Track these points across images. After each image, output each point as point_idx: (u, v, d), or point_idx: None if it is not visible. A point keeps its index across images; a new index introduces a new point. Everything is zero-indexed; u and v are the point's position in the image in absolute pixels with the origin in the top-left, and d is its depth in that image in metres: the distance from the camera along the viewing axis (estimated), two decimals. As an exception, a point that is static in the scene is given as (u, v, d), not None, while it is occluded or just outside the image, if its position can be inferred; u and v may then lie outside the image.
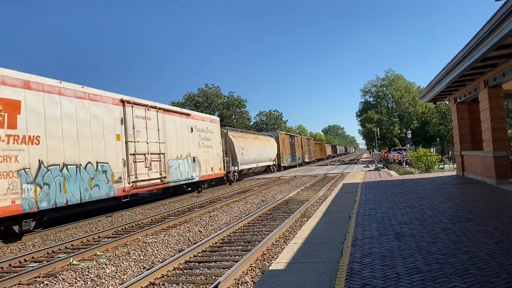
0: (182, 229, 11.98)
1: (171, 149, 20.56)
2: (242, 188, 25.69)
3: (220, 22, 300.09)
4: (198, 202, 18.97)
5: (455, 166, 21.92)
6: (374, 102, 77.36)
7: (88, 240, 11.45)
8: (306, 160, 62.16)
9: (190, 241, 10.55)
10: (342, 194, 15.05)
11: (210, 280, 6.90)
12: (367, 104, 77.93)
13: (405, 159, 39.39)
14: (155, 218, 14.79)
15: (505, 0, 7.89)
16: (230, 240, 10.19)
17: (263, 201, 17.98)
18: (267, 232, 10.70)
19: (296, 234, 8.68)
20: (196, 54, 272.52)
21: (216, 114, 70.98)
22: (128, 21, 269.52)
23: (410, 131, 57.53)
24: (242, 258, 7.75)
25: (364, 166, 40.23)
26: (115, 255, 9.04)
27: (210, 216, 14.14)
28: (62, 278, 7.52)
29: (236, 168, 30.37)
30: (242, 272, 7.14)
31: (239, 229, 11.49)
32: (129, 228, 13.19)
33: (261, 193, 21.47)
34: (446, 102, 27.51)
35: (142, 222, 14.02)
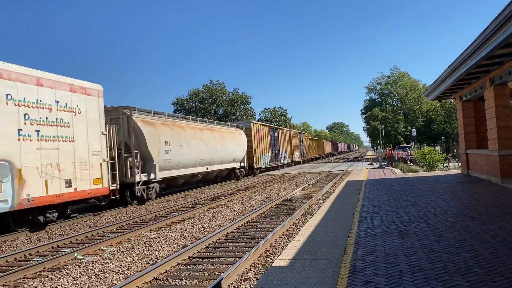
0: (185, 225, 12.02)
1: None
2: (247, 184, 25.72)
3: (225, 18, 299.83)
4: (202, 198, 19.02)
5: (460, 164, 21.85)
6: (379, 99, 77.22)
7: (92, 235, 11.52)
8: (297, 159, 52.13)
9: (193, 237, 10.58)
10: (346, 191, 15.03)
11: (214, 276, 6.93)
12: (372, 101, 77.81)
13: (409, 157, 39.33)
14: (159, 214, 14.85)
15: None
16: (234, 236, 10.22)
17: (267, 197, 18.00)
18: (271, 228, 10.72)
19: (299, 231, 8.69)
20: (201, 50, 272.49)
21: (220, 111, 70.87)
22: (131, 17, 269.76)
23: (415, 129, 57.38)
24: (246, 254, 7.77)
25: (368, 164, 40.15)
26: (119, 250, 9.10)
27: (213, 212, 14.19)
28: (66, 272, 7.58)
29: (151, 176, 18.37)
30: (245, 268, 7.16)
31: (243, 225, 11.52)
32: (133, 223, 13.25)
33: (265, 189, 21.50)
34: (452, 100, 27.39)
35: (146, 218, 14.08)
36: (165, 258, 8.43)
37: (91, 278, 7.25)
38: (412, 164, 35.20)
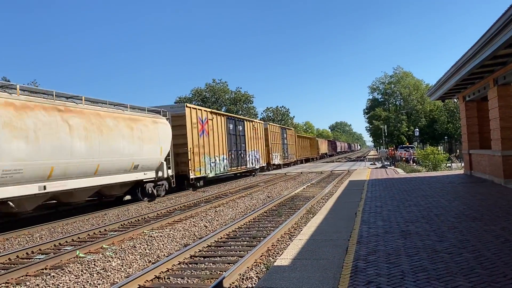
0: (187, 223, 12.03)
1: None
2: (249, 184, 25.71)
3: (228, 17, 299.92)
4: (204, 197, 19.03)
5: (463, 164, 21.79)
6: (382, 99, 77.05)
7: (94, 233, 11.54)
8: (276, 161, 41.10)
9: (195, 235, 10.59)
10: (348, 191, 15.01)
11: (215, 275, 6.93)
12: (375, 101, 77.62)
13: (412, 157, 39.27)
14: (161, 212, 14.87)
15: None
16: (236, 235, 10.22)
17: (269, 197, 18.00)
18: (273, 228, 10.71)
19: (301, 230, 8.68)
20: (204, 49, 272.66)
21: (223, 110, 70.92)
22: (133, 15, 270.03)
23: (417, 129, 57.28)
24: (247, 253, 7.77)
25: (370, 164, 40.12)
26: (121, 249, 9.11)
27: (215, 211, 14.19)
28: (68, 270, 7.60)
29: None
30: (247, 267, 7.16)
31: (245, 224, 11.51)
32: (135, 222, 13.27)
33: (267, 189, 21.49)
34: (455, 100, 27.32)
35: (148, 216, 14.10)
36: (167, 256, 8.44)
37: (93, 276, 7.26)
38: (414, 164, 35.16)
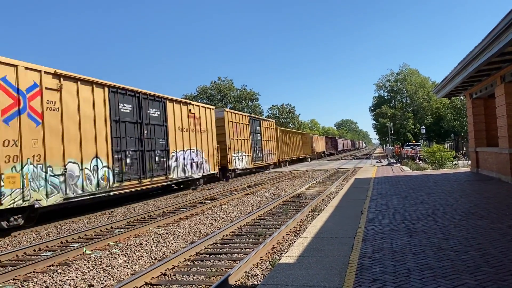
0: (193, 221, 12.07)
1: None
2: (254, 181, 25.72)
3: (234, 15, 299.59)
4: (209, 194, 19.07)
5: (469, 162, 21.67)
6: (388, 96, 76.79)
7: (101, 230, 11.61)
8: (241, 165, 29.69)
9: (201, 233, 10.62)
10: (354, 189, 14.98)
11: (221, 272, 6.95)
12: (381, 98, 77.38)
13: (418, 155, 39.05)
14: (167, 210, 14.92)
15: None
16: (241, 233, 10.24)
17: (274, 194, 18.00)
18: (278, 225, 10.71)
19: (306, 228, 8.68)
20: (210, 47, 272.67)
21: (228, 107, 71.02)
22: (138, 13, 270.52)
23: (424, 127, 57.01)
24: (253, 251, 7.78)
25: (376, 161, 39.96)
26: (128, 246, 9.16)
27: (221, 208, 14.22)
28: (75, 267, 7.65)
29: None
30: (253, 265, 7.18)
31: (250, 222, 11.53)
32: (141, 219, 13.33)
33: (272, 186, 21.50)
34: (461, 97, 27.15)
35: (154, 214, 14.16)
36: (172, 254, 8.48)
37: (100, 273, 7.31)
38: (420, 162, 34.98)
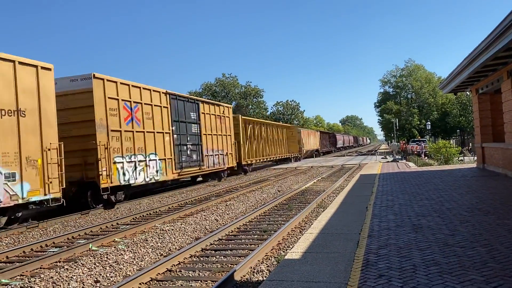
0: (198, 217, 12.10)
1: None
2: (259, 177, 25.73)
3: (238, 11, 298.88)
4: (215, 191, 19.11)
5: (475, 158, 21.54)
6: (393, 92, 76.32)
7: (107, 226, 11.67)
8: (160, 175, 18.07)
9: (206, 229, 10.65)
10: (359, 185, 14.94)
11: (226, 268, 6.97)
12: (386, 94, 76.93)
13: (424, 151, 38.89)
14: (173, 206, 14.97)
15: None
16: (246, 229, 10.25)
17: (279, 191, 18.00)
18: (283, 222, 10.72)
19: (312, 224, 8.67)
20: (214, 43, 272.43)
21: (233, 104, 71.03)
22: (143, 10, 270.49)
23: (429, 122, 56.68)
24: (258, 247, 7.80)
25: (382, 158, 39.85)
26: (133, 242, 9.20)
27: (226, 205, 14.24)
28: (81, 263, 7.70)
29: None
30: (258, 260, 7.19)
31: (255, 218, 11.54)
32: (147, 215, 13.38)
33: (277, 183, 21.50)
34: (467, 93, 26.94)
35: (160, 210, 14.20)
36: (178, 250, 8.51)
37: (106, 269, 7.35)
38: (426, 158, 34.83)
